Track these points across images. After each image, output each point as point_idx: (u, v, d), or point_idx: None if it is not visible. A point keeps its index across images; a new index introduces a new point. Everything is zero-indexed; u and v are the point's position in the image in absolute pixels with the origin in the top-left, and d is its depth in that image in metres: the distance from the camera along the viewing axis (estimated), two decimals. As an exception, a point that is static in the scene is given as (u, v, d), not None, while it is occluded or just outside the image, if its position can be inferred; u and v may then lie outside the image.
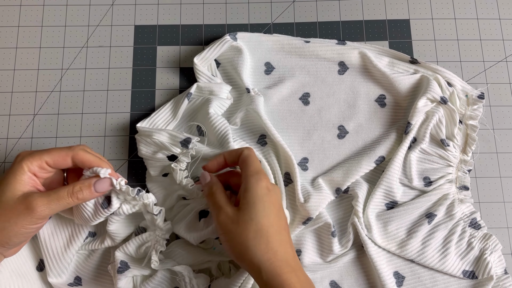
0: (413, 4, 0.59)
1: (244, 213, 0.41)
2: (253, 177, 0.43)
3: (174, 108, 0.52)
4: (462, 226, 0.50)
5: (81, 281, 0.49)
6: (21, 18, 0.58)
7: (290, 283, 0.39)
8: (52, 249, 0.48)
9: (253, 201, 0.41)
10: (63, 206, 0.41)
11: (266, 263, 0.39)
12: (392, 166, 0.51)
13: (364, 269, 0.51)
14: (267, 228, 0.41)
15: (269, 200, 0.42)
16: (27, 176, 0.41)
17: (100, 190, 0.42)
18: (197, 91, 0.53)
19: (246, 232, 0.40)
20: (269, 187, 0.43)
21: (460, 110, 0.53)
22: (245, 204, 0.42)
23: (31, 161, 0.41)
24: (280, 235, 0.42)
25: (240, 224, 0.41)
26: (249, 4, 0.59)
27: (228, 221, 0.41)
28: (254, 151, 0.46)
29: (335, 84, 0.55)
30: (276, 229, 0.41)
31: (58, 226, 0.48)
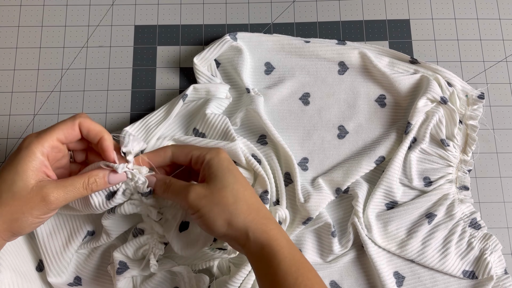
0: (413, 4, 0.59)
1: (216, 183, 0.40)
2: (211, 152, 0.42)
3: (168, 109, 0.52)
4: (462, 226, 0.50)
5: (81, 281, 0.49)
6: (21, 18, 0.58)
7: (276, 238, 0.39)
8: (51, 248, 0.48)
9: (221, 171, 0.41)
10: (78, 197, 0.41)
11: (251, 223, 0.39)
12: (392, 166, 0.51)
13: (364, 269, 0.51)
14: (243, 191, 0.41)
15: (234, 168, 0.42)
16: (38, 161, 0.39)
17: (114, 182, 0.42)
18: (193, 92, 0.52)
19: (224, 199, 0.40)
20: (228, 158, 0.43)
21: (460, 110, 0.53)
22: (213, 175, 0.41)
23: (41, 143, 0.39)
24: (256, 197, 0.42)
25: (215, 194, 0.40)
26: (249, 4, 0.59)
27: (201, 196, 0.40)
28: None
29: (335, 84, 0.55)
30: (250, 192, 0.42)
31: (57, 225, 0.48)
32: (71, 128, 0.41)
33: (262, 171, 0.49)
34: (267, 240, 0.39)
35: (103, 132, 0.42)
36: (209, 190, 0.40)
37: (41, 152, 0.39)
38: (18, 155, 0.39)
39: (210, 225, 0.40)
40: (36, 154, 0.39)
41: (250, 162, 0.50)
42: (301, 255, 0.40)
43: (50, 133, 0.40)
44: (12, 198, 0.38)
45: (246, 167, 0.50)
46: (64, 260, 0.48)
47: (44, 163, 0.40)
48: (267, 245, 0.39)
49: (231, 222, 0.39)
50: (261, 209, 0.41)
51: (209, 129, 0.51)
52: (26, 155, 0.39)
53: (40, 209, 0.39)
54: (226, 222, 0.40)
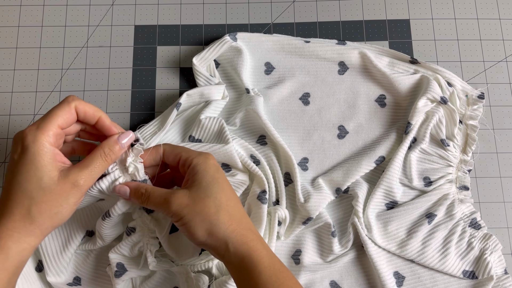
0: (413, 4, 0.59)
1: (199, 192, 0.40)
2: (199, 157, 0.42)
3: (162, 119, 0.52)
4: (462, 226, 0.50)
5: (80, 281, 0.49)
6: (21, 18, 0.58)
7: (256, 249, 0.39)
8: (50, 248, 0.48)
9: (205, 179, 0.40)
10: (102, 171, 0.41)
11: (232, 234, 0.39)
12: (392, 166, 0.51)
13: (364, 269, 0.51)
14: (226, 201, 0.40)
15: (221, 176, 0.41)
16: (51, 152, 0.39)
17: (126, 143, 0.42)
18: (187, 99, 0.52)
19: (206, 209, 0.39)
20: (216, 164, 0.42)
21: (460, 110, 0.53)
22: (198, 183, 0.40)
23: (46, 133, 0.39)
24: (239, 207, 0.41)
25: (198, 203, 0.40)
26: (249, 4, 0.59)
27: (183, 205, 0.40)
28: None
29: (335, 84, 0.55)
30: (234, 202, 0.41)
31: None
32: (68, 112, 0.40)
33: (259, 171, 0.49)
34: (247, 251, 0.39)
35: (99, 112, 0.42)
36: (192, 199, 0.40)
37: (49, 142, 0.39)
38: (29, 152, 0.38)
39: (191, 233, 0.40)
40: (46, 145, 0.39)
41: (246, 164, 0.50)
42: (281, 264, 0.40)
43: (50, 121, 0.39)
44: (44, 195, 0.38)
45: (242, 169, 0.50)
46: (64, 260, 0.48)
47: (55, 152, 0.39)
48: (247, 256, 0.39)
49: (212, 232, 0.39)
50: (243, 220, 0.41)
51: (204, 134, 0.51)
52: (38, 150, 0.38)
53: (75, 195, 0.39)
54: (206, 231, 0.39)
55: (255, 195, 0.49)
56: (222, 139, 0.50)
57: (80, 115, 0.41)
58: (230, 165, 0.50)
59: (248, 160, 0.50)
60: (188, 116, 0.53)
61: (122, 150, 0.42)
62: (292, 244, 0.51)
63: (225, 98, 0.54)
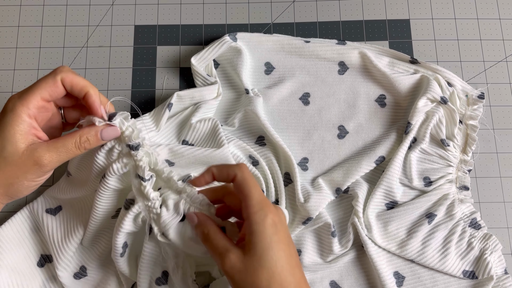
0: (413, 4, 0.59)
1: (253, 260, 0.37)
2: (257, 215, 0.37)
3: (155, 118, 0.51)
4: (462, 226, 0.50)
5: (86, 271, 0.48)
6: (21, 18, 0.58)
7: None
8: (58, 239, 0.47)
9: (261, 245, 0.37)
10: (71, 157, 0.39)
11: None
12: (392, 166, 0.51)
13: (364, 269, 0.51)
14: (280, 272, 0.37)
15: (278, 240, 0.37)
16: (26, 124, 0.38)
17: (107, 138, 0.40)
18: (177, 100, 0.51)
19: (257, 281, 0.36)
20: (276, 221, 0.38)
21: (460, 110, 0.53)
22: (253, 249, 0.37)
23: (26, 105, 0.38)
24: (294, 276, 0.38)
25: (250, 272, 0.37)
26: (249, 4, 0.59)
27: (235, 270, 0.37)
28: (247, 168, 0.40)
29: (335, 84, 0.55)
30: (289, 270, 0.37)
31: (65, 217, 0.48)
32: (53, 85, 0.39)
33: (257, 172, 0.49)
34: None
35: (87, 87, 0.40)
36: (244, 266, 0.37)
37: (27, 114, 0.38)
38: (4, 120, 0.38)
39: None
40: (22, 117, 0.38)
41: None
42: None
43: (33, 92, 0.38)
44: (4, 163, 0.37)
45: None
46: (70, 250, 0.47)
47: (32, 125, 0.38)
48: None
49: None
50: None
51: (197, 138, 0.51)
52: (12, 120, 0.37)
53: (34, 173, 0.38)
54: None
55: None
56: (216, 141, 0.49)
57: (67, 88, 0.40)
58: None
59: (245, 161, 0.50)
60: (180, 121, 0.52)
61: (99, 143, 0.40)
62: (292, 245, 0.51)
63: (218, 97, 0.53)
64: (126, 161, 0.42)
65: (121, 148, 0.42)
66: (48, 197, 0.50)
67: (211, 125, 0.50)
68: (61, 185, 0.49)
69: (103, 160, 0.42)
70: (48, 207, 0.49)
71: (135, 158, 0.41)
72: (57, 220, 0.48)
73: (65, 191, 0.48)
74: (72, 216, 0.48)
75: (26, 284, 0.47)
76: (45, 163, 0.38)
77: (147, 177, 0.41)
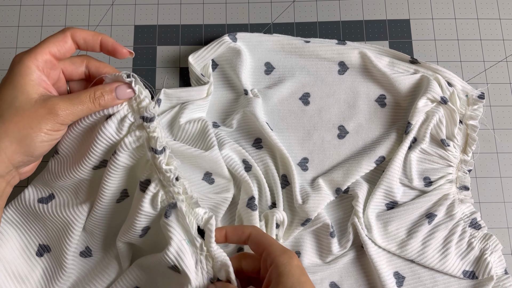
0: (413, 4, 0.59)
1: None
2: (282, 257, 0.37)
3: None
4: (462, 226, 0.50)
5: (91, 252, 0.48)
6: (21, 18, 0.58)
7: None
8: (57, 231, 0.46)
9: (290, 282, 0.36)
10: (85, 111, 0.38)
11: None
12: (392, 166, 0.51)
13: (364, 270, 0.51)
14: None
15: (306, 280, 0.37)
16: (36, 75, 0.36)
17: (122, 96, 0.39)
18: (164, 97, 0.51)
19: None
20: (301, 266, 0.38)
21: (460, 110, 0.53)
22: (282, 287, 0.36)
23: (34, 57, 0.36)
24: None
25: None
26: (249, 4, 0.59)
27: None
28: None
29: (335, 84, 0.55)
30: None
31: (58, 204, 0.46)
32: (62, 40, 0.38)
33: (247, 177, 0.49)
34: None
35: (99, 34, 0.39)
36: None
37: (36, 66, 0.37)
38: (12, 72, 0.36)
39: None
40: (31, 67, 0.36)
41: (234, 170, 0.49)
42: None
43: (41, 47, 0.37)
44: (15, 114, 0.35)
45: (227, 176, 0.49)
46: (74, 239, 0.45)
47: (42, 77, 0.37)
48: None
49: None
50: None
51: (186, 140, 0.50)
52: (21, 70, 0.36)
53: (49, 123, 0.36)
54: None
55: (244, 203, 0.49)
56: (206, 142, 0.48)
57: (80, 43, 0.39)
58: (213, 174, 0.49)
59: (237, 166, 0.49)
60: (167, 121, 0.51)
61: (114, 101, 0.39)
62: (291, 246, 0.51)
63: (207, 97, 0.52)
64: (139, 134, 0.41)
65: (133, 120, 0.41)
66: (39, 184, 0.46)
67: (201, 126, 0.50)
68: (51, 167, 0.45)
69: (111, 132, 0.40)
70: (40, 196, 0.46)
71: (148, 129, 0.40)
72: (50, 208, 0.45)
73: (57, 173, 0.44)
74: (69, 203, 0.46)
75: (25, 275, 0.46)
76: (59, 113, 0.36)
77: (160, 148, 0.40)
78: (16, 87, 0.36)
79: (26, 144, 0.36)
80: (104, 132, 0.40)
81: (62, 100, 0.37)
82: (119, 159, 0.41)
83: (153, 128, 0.40)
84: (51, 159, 0.44)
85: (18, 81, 0.36)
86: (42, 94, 0.37)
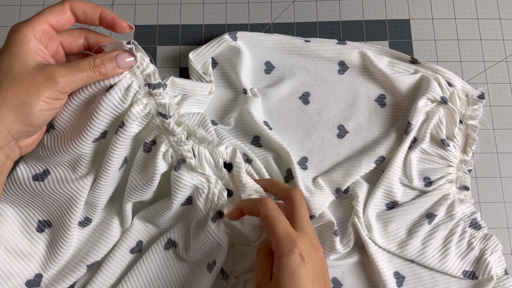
0: (413, 4, 0.59)
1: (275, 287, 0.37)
2: (282, 247, 0.37)
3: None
4: (462, 227, 0.50)
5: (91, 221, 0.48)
6: (21, 18, 0.58)
7: None
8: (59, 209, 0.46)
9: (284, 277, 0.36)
10: (85, 80, 0.37)
11: None
12: (393, 166, 0.51)
13: (366, 268, 0.50)
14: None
15: (302, 275, 0.36)
16: (33, 44, 0.36)
17: (123, 65, 0.38)
18: (171, 85, 0.50)
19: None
20: (303, 254, 0.37)
21: (461, 110, 0.53)
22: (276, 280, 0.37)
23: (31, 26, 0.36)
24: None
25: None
26: (249, 4, 0.59)
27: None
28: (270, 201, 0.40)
29: (335, 84, 0.55)
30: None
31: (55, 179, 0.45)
32: (61, 10, 0.38)
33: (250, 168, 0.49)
34: None
35: (99, 7, 0.39)
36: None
37: (33, 35, 0.36)
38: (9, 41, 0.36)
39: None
40: (28, 36, 0.36)
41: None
42: None
43: (39, 16, 0.37)
44: (13, 81, 0.35)
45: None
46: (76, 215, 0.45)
47: (39, 47, 0.36)
48: None
49: None
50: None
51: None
52: (18, 39, 0.35)
53: (47, 90, 0.35)
54: None
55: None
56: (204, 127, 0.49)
57: (79, 14, 0.38)
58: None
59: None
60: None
61: (115, 70, 0.38)
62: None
63: (210, 95, 0.52)
64: (146, 102, 0.40)
65: (138, 88, 0.40)
66: (31, 161, 0.45)
67: (199, 118, 0.49)
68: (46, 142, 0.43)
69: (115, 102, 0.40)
70: (34, 173, 0.44)
71: (155, 97, 0.40)
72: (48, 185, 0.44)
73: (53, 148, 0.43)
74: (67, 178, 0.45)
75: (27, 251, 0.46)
76: (58, 79, 0.35)
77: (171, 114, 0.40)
78: (13, 55, 0.35)
79: (25, 112, 0.35)
80: (107, 102, 0.39)
81: (61, 67, 0.36)
82: (128, 130, 0.41)
83: (161, 94, 0.40)
84: (46, 134, 0.43)
85: (15, 49, 0.35)
86: (39, 62, 0.36)
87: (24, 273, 0.46)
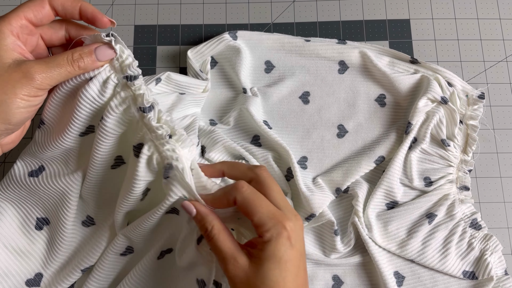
0: (413, 4, 0.59)
1: (257, 275, 0.34)
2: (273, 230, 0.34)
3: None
4: (462, 227, 0.50)
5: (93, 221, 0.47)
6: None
7: None
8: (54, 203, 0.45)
9: (268, 263, 0.34)
10: (63, 75, 0.36)
11: None
12: (393, 166, 0.51)
13: (367, 267, 0.51)
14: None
15: (288, 259, 0.35)
16: (10, 40, 0.35)
17: (102, 58, 0.37)
18: (165, 80, 0.49)
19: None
20: (291, 237, 0.35)
21: (461, 110, 0.53)
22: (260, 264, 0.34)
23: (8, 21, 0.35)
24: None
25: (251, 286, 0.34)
26: (249, 4, 0.59)
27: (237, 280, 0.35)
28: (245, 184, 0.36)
29: (335, 83, 0.55)
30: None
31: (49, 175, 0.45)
32: (39, 5, 0.37)
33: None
34: None
35: (79, 1, 0.38)
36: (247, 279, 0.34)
37: (10, 30, 0.35)
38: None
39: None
40: (5, 32, 0.35)
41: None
42: None
43: (16, 12, 0.36)
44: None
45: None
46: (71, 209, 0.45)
47: (16, 43, 0.36)
48: None
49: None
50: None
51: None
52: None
53: (24, 87, 0.35)
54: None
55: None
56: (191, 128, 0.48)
57: (58, 9, 0.37)
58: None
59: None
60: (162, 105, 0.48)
61: (95, 63, 0.37)
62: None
63: (205, 93, 0.52)
64: (124, 95, 0.39)
65: (117, 81, 0.39)
66: (27, 157, 0.45)
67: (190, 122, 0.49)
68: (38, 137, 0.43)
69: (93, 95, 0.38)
70: (30, 169, 0.44)
71: (132, 87, 0.39)
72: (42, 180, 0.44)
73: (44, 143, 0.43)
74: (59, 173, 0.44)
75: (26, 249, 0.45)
76: (35, 76, 0.35)
77: (148, 105, 0.38)
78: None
79: (2, 110, 0.35)
80: (85, 95, 0.38)
81: (38, 63, 0.35)
82: (107, 124, 0.39)
83: (138, 86, 0.39)
84: (37, 130, 0.42)
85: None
86: (16, 59, 0.35)
87: (24, 271, 0.46)
